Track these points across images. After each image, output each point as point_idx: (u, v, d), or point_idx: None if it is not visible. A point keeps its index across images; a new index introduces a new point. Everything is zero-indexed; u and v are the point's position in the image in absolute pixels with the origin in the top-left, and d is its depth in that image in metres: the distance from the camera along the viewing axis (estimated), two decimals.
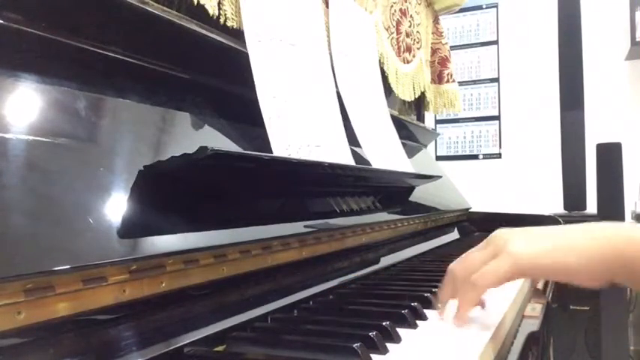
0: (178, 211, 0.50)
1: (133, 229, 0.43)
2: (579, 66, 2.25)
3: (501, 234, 0.54)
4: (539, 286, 0.91)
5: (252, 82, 0.65)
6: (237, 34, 0.68)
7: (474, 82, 3.13)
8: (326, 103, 0.82)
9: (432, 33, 1.71)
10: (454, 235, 1.41)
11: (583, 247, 0.49)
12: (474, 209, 1.60)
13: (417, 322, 0.55)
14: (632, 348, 2.22)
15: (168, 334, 0.44)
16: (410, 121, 1.44)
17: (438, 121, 3.17)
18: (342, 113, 0.86)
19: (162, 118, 0.55)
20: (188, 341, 0.45)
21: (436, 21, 1.73)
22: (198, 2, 0.64)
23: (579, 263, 0.49)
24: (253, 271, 0.58)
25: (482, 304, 0.57)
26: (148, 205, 0.46)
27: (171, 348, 0.43)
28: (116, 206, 0.43)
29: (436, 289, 0.67)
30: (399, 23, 1.37)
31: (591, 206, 2.16)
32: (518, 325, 0.68)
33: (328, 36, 0.92)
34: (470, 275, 0.53)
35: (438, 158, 3.11)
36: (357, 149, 0.90)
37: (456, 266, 0.55)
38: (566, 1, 2.27)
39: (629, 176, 2.08)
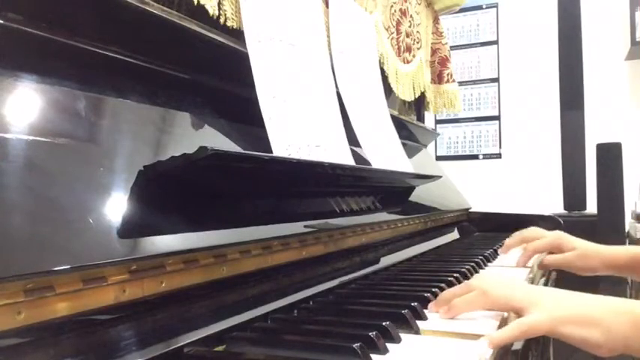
0: (178, 211, 0.50)
1: (133, 229, 0.43)
2: (579, 66, 2.25)
3: (526, 285, 0.60)
4: (540, 283, 0.91)
5: (252, 82, 0.65)
6: (237, 34, 0.68)
7: (474, 82, 3.13)
8: (326, 103, 0.82)
9: (432, 33, 1.71)
10: (454, 235, 1.41)
11: (607, 323, 0.52)
12: (474, 209, 1.60)
13: (417, 322, 0.55)
14: None
15: (168, 334, 0.44)
16: (410, 121, 1.44)
17: (438, 121, 3.17)
18: (342, 113, 0.86)
19: (163, 118, 0.55)
20: (188, 341, 0.45)
21: (436, 21, 1.73)
22: (198, 2, 0.64)
23: (601, 340, 0.52)
24: (253, 271, 0.58)
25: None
26: (147, 205, 0.46)
27: (171, 348, 0.43)
28: (116, 206, 0.43)
29: (436, 289, 0.67)
30: (399, 23, 1.37)
31: (591, 206, 2.16)
32: None
33: (328, 36, 0.92)
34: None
35: (438, 158, 3.11)
36: (357, 149, 0.90)
37: (488, 285, 0.58)
38: (566, 1, 2.28)
39: (629, 176, 2.08)
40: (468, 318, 0.58)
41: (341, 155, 0.81)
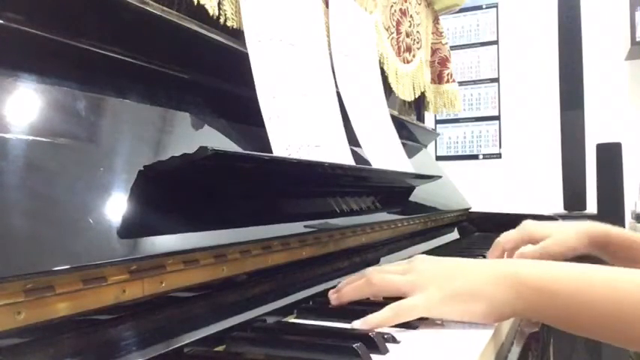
0: (178, 211, 0.50)
1: (133, 229, 0.43)
2: (579, 66, 2.25)
3: (422, 265, 0.57)
4: None
5: (252, 82, 0.65)
6: (237, 34, 0.68)
7: (474, 82, 3.13)
8: (326, 103, 0.82)
9: (432, 33, 1.71)
10: (454, 235, 1.41)
11: (489, 293, 0.52)
12: (474, 209, 1.60)
13: (417, 321, 0.55)
14: None
15: (168, 334, 0.44)
16: (410, 121, 1.44)
17: (438, 121, 3.17)
18: (342, 113, 0.86)
19: (163, 118, 0.55)
20: (188, 341, 0.45)
21: (436, 21, 1.73)
22: (198, 2, 0.64)
23: (486, 311, 0.52)
24: (253, 271, 0.58)
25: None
26: (147, 205, 0.46)
27: (171, 348, 0.43)
28: (116, 206, 0.43)
29: None
30: (399, 23, 1.37)
31: (591, 206, 2.16)
32: (518, 325, 0.68)
33: (328, 36, 0.92)
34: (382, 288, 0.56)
35: (438, 158, 3.11)
36: (357, 149, 0.90)
37: (375, 275, 0.58)
38: (566, 1, 2.28)
39: (629, 176, 2.08)
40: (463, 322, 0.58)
41: (341, 155, 0.81)
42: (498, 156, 3.08)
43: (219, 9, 0.67)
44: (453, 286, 0.53)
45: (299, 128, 0.71)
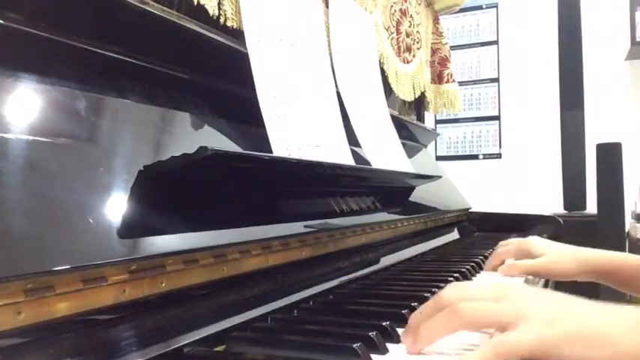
0: (178, 211, 0.50)
1: (133, 229, 0.43)
2: (579, 66, 2.25)
3: (521, 292, 0.46)
4: (540, 285, 0.91)
5: (252, 82, 0.65)
6: (237, 34, 0.68)
7: (474, 82, 3.14)
8: (326, 103, 0.82)
9: (432, 33, 1.71)
10: (454, 235, 1.41)
11: (619, 341, 0.39)
12: (474, 209, 1.60)
13: None
14: None
15: (168, 334, 0.44)
16: (410, 121, 1.44)
17: (438, 121, 3.18)
18: (342, 113, 0.86)
19: (163, 118, 0.55)
20: (188, 341, 0.45)
21: (436, 21, 1.73)
22: (198, 2, 0.64)
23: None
24: (253, 271, 0.58)
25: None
26: (147, 205, 0.46)
27: (171, 348, 0.43)
28: (116, 206, 0.43)
29: (436, 290, 0.66)
30: (399, 23, 1.37)
31: (591, 206, 2.16)
32: None
33: (328, 36, 0.92)
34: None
35: (438, 158, 3.12)
36: (357, 149, 0.90)
37: (461, 303, 0.44)
38: (566, 1, 2.28)
39: (629, 176, 2.08)
40: None
41: (341, 155, 0.81)
42: (498, 156, 3.08)
43: (219, 9, 0.67)
44: (571, 322, 0.41)
45: (299, 128, 0.71)
